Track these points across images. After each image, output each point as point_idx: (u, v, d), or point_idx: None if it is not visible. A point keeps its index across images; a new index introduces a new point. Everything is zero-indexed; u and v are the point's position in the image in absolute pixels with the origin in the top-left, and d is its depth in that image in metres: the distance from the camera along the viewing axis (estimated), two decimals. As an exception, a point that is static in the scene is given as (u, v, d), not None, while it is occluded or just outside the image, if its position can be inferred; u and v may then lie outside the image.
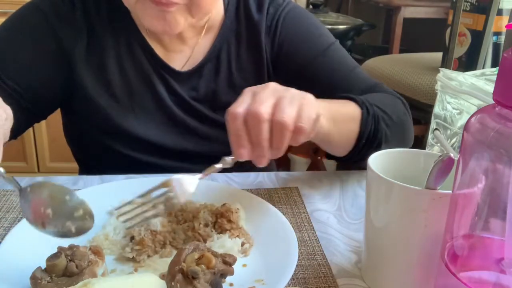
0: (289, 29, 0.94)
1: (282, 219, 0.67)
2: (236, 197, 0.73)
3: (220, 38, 0.93)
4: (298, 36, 0.94)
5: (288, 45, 0.94)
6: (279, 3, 0.95)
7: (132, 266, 0.60)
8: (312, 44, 0.94)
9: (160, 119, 0.91)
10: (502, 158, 0.40)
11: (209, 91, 0.92)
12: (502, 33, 1.75)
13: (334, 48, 0.94)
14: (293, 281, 0.59)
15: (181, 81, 0.91)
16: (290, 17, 0.95)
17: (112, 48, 0.88)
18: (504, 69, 0.40)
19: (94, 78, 0.88)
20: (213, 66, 0.93)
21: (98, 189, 0.74)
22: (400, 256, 0.56)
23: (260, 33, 0.93)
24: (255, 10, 0.94)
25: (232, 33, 0.94)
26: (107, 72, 0.88)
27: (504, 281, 0.43)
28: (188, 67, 0.92)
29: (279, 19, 0.94)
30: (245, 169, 0.87)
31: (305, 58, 0.93)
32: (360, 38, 3.10)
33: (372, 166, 0.56)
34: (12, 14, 0.90)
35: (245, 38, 0.94)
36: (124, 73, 0.89)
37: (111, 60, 0.88)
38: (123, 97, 0.89)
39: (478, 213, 0.44)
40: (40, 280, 0.52)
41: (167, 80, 0.90)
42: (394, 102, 0.89)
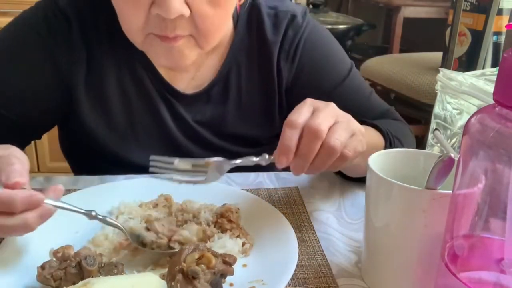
0: (309, 57, 0.88)
1: (282, 219, 0.67)
2: (236, 197, 0.73)
3: (229, 59, 0.86)
4: (318, 65, 0.89)
5: (307, 75, 0.89)
6: (299, 24, 0.88)
7: (133, 265, 0.60)
8: (332, 75, 0.89)
9: (163, 146, 0.86)
10: (502, 158, 0.40)
11: (215, 115, 0.87)
12: (502, 33, 1.75)
13: (351, 76, 0.91)
14: (293, 281, 0.59)
15: (187, 104, 0.86)
16: (310, 42, 0.88)
17: (113, 70, 0.82)
18: (504, 69, 0.40)
19: (94, 105, 0.83)
20: (221, 89, 0.87)
21: (98, 189, 0.74)
22: (400, 256, 0.56)
23: (273, 55, 0.87)
24: (270, 29, 0.87)
25: (242, 53, 0.87)
26: (107, 98, 0.83)
27: (504, 281, 0.43)
28: (194, 88, 0.86)
29: (299, 44, 0.87)
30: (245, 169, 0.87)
31: (324, 89, 0.88)
32: (360, 38, 3.10)
33: (372, 166, 0.56)
34: (5, 33, 0.82)
35: (257, 59, 0.87)
36: (126, 97, 0.84)
37: (112, 84, 0.83)
38: (124, 125, 0.85)
39: (478, 213, 0.44)
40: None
41: (171, 103, 0.85)
42: (408, 133, 0.91)
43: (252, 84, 0.88)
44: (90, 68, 0.82)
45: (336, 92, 0.88)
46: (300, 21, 0.88)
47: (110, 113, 0.84)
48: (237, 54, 0.87)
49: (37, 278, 0.54)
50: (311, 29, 0.89)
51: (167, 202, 0.71)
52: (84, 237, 0.65)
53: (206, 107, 0.87)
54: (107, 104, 0.83)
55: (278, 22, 0.87)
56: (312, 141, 0.59)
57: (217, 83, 0.86)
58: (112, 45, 0.82)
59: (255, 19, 0.87)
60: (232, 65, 0.87)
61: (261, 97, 0.89)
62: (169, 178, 0.66)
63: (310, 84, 0.89)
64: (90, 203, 0.70)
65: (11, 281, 0.55)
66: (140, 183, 0.76)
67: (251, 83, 0.88)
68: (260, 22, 0.87)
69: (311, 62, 0.89)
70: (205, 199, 0.72)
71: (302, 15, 0.89)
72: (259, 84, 0.88)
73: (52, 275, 0.53)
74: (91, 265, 0.54)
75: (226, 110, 0.88)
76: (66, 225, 0.66)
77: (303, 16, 0.89)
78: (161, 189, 0.74)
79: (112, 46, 0.82)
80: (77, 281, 0.52)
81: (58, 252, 0.56)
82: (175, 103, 0.85)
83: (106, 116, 0.84)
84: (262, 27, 0.87)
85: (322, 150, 0.60)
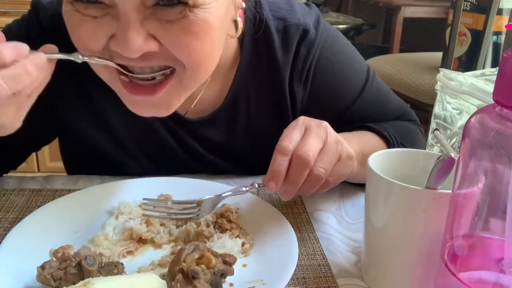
0: (323, 76, 0.81)
1: (282, 219, 0.67)
2: (236, 197, 0.72)
3: (236, 82, 0.78)
4: (334, 85, 0.83)
5: (322, 96, 0.83)
6: (311, 39, 0.79)
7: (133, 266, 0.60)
8: (348, 92, 0.84)
9: (167, 168, 0.82)
10: (502, 158, 0.40)
11: (224, 140, 0.82)
12: (502, 33, 1.75)
13: (369, 85, 0.85)
14: (293, 281, 0.59)
15: (190, 130, 0.80)
16: (324, 59, 0.81)
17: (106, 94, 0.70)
18: (504, 69, 0.40)
19: (88, 125, 0.79)
20: (229, 114, 0.80)
21: (98, 189, 0.74)
22: (400, 256, 0.56)
23: (285, 77, 0.79)
24: (280, 47, 0.78)
25: (251, 76, 0.79)
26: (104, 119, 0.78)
27: (504, 281, 0.43)
28: (197, 112, 0.80)
29: (312, 63, 0.80)
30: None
31: (340, 108, 0.84)
32: (360, 38, 3.10)
33: (372, 166, 0.56)
34: None
35: (267, 82, 0.80)
36: (124, 119, 0.78)
37: (105, 104, 0.77)
38: (124, 145, 0.81)
39: (478, 213, 0.44)
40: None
41: (173, 129, 0.80)
42: (416, 136, 0.90)
43: (263, 109, 0.81)
44: (78, 89, 0.77)
45: (352, 109, 0.85)
46: (313, 36, 0.79)
47: (109, 130, 0.80)
48: (245, 77, 0.79)
49: (37, 278, 0.54)
50: (324, 42, 0.81)
51: (167, 202, 0.71)
52: (84, 237, 0.65)
53: (212, 133, 0.81)
54: (104, 126, 0.79)
55: (288, 39, 0.79)
56: (300, 169, 0.61)
57: (224, 108, 0.80)
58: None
59: (263, 36, 0.78)
60: (240, 89, 0.79)
61: (273, 122, 0.82)
62: (162, 216, 0.65)
63: (326, 104, 0.83)
64: (90, 203, 0.71)
65: (11, 281, 0.55)
66: (140, 183, 0.76)
67: (262, 107, 0.81)
68: (269, 40, 0.78)
69: (326, 82, 0.82)
70: (205, 199, 0.72)
71: (315, 25, 0.80)
72: (270, 108, 0.82)
73: (52, 275, 0.53)
74: (91, 265, 0.54)
75: (234, 136, 0.82)
76: (66, 225, 0.66)
77: (316, 27, 0.80)
78: (161, 189, 0.74)
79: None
80: (77, 281, 0.52)
81: (58, 252, 0.56)
82: (177, 128, 0.80)
83: (108, 136, 0.80)
84: (271, 46, 0.78)
85: (309, 177, 0.62)
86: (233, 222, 0.66)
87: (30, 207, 0.72)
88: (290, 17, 0.80)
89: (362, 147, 0.73)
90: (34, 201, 0.74)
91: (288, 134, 0.62)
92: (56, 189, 0.78)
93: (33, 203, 0.73)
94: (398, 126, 0.87)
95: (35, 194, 0.76)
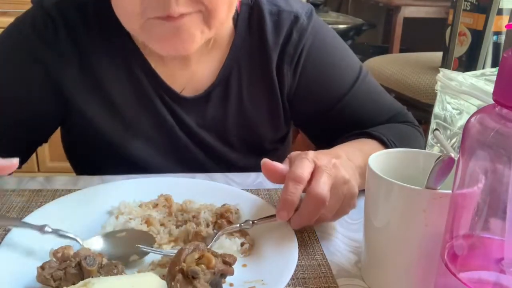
0: (314, 65, 0.85)
1: (282, 219, 0.67)
2: (236, 198, 0.73)
3: (229, 60, 0.83)
4: (325, 75, 0.85)
5: (312, 84, 0.85)
6: (304, 26, 0.83)
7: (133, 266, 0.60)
8: (339, 84, 0.86)
9: (165, 146, 0.85)
10: (502, 158, 0.40)
11: (216, 118, 0.85)
12: (502, 33, 1.75)
13: (360, 80, 0.87)
14: (293, 281, 0.59)
15: (186, 107, 0.84)
16: (316, 48, 0.84)
17: (108, 68, 0.80)
18: (504, 69, 0.40)
19: (91, 102, 0.81)
20: (221, 92, 0.84)
21: (98, 189, 0.74)
22: (400, 256, 0.56)
23: (273, 58, 0.83)
24: (271, 29, 0.83)
25: (243, 54, 0.83)
26: (104, 95, 0.81)
27: (504, 281, 0.43)
28: (193, 90, 0.84)
29: (303, 50, 0.84)
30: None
31: (331, 100, 0.86)
32: (360, 38, 3.10)
33: (372, 166, 0.56)
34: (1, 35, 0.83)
35: (258, 61, 0.84)
36: (123, 95, 0.82)
37: (107, 81, 0.81)
38: (123, 121, 0.83)
39: (478, 213, 0.44)
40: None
41: (171, 106, 0.83)
42: (416, 138, 0.89)
43: (254, 87, 0.85)
44: (83, 66, 0.80)
45: (343, 102, 0.86)
46: (304, 23, 0.83)
47: (111, 108, 0.82)
48: (238, 55, 0.83)
49: (37, 278, 0.54)
50: (316, 33, 0.85)
51: (167, 202, 0.71)
52: (84, 237, 0.65)
53: (206, 110, 0.84)
54: (106, 103, 0.82)
55: (280, 22, 0.83)
56: (317, 208, 0.60)
57: (218, 85, 0.83)
58: (105, 39, 0.80)
59: (256, 17, 0.83)
60: (233, 67, 0.83)
61: (263, 100, 0.86)
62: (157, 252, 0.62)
63: (316, 94, 0.86)
64: (90, 203, 0.71)
65: (11, 281, 0.55)
66: (140, 183, 0.76)
67: (253, 86, 0.85)
68: (261, 22, 0.83)
69: (316, 71, 0.85)
70: (205, 199, 0.72)
71: (307, 15, 0.85)
72: (261, 87, 0.85)
73: (52, 275, 0.53)
74: (91, 265, 0.54)
75: (227, 114, 0.85)
76: (66, 225, 0.66)
77: (308, 17, 0.85)
78: (161, 189, 0.74)
79: (105, 41, 0.80)
80: (77, 281, 0.52)
81: (58, 252, 0.56)
82: (175, 106, 0.83)
83: (107, 112, 0.82)
84: (263, 27, 0.83)
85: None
86: (232, 223, 0.66)
87: (30, 207, 0.72)
88: (284, 5, 0.85)
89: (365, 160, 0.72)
90: (34, 201, 0.74)
91: (301, 165, 0.60)
92: (56, 189, 0.78)
93: (33, 203, 0.73)
94: (395, 129, 0.86)
95: (35, 194, 0.76)
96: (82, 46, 0.79)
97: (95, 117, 0.83)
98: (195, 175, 0.82)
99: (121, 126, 0.84)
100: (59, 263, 0.55)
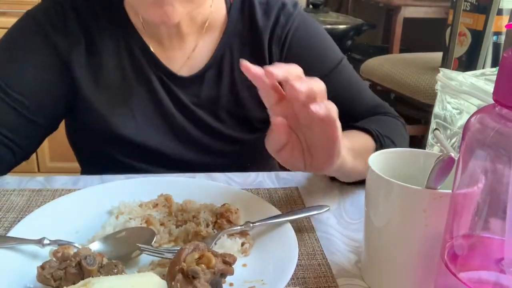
0: (299, 44, 0.92)
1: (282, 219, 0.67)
2: (236, 197, 0.73)
3: (223, 42, 0.91)
4: (307, 54, 0.92)
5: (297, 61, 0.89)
6: (290, 11, 0.92)
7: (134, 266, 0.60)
8: (321, 64, 0.91)
9: (161, 125, 0.90)
10: (502, 158, 0.40)
11: (210, 97, 0.91)
12: (502, 33, 1.75)
13: (342, 67, 0.93)
14: (293, 281, 0.59)
15: (182, 86, 0.90)
16: (301, 30, 0.92)
17: (111, 51, 0.87)
18: (504, 69, 0.40)
19: (94, 84, 0.87)
20: (215, 72, 0.91)
21: (98, 189, 0.74)
22: (400, 256, 0.56)
23: (264, 40, 0.91)
24: (261, 16, 0.91)
25: (235, 37, 0.91)
26: (107, 76, 0.87)
27: (504, 281, 0.43)
28: (189, 70, 0.90)
29: (289, 31, 0.91)
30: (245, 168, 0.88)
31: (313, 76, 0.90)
32: (360, 38, 3.10)
33: (372, 166, 0.56)
34: (13, 26, 0.89)
35: (249, 44, 0.91)
36: (124, 76, 0.88)
37: (110, 63, 0.87)
38: (124, 102, 0.88)
39: (478, 213, 0.44)
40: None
41: (168, 85, 0.89)
42: (399, 129, 0.92)
43: None
44: (89, 49, 0.86)
45: (331, 76, 0.90)
46: (291, 9, 0.92)
47: (111, 89, 0.87)
48: (231, 38, 0.91)
49: (37, 278, 0.54)
50: (302, 19, 0.93)
51: (167, 202, 0.71)
52: (84, 236, 0.65)
53: (200, 90, 0.90)
54: (108, 80, 0.87)
55: (268, 9, 0.92)
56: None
57: (212, 66, 0.90)
58: (110, 25, 0.87)
59: (248, 6, 0.92)
60: (226, 49, 0.90)
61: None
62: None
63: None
64: (90, 203, 0.71)
65: (11, 281, 0.55)
66: (140, 183, 0.76)
67: None
68: (252, 9, 0.91)
69: (300, 50, 0.92)
70: (205, 199, 0.72)
71: (293, 4, 0.94)
72: None
73: (52, 275, 0.53)
74: (91, 265, 0.54)
75: (220, 93, 0.91)
76: (66, 225, 0.66)
77: (293, 5, 0.94)
78: (161, 189, 0.74)
79: (110, 26, 0.87)
80: (77, 281, 0.52)
81: (58, 252, 0.56)
82: (171, 85, 0.89)
83: (107, 93, 0.87)
84: (253, 14, 0.91)
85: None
86: (232, 223, 0.66)
87: (30, 207, 0.72)
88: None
89: (351, 141, 0.73)
90: (34, 201, 0.74)
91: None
92: (56, 189, 0.78)
93: (33, 203, 0.74)
94: (377, 121, 0.89)
95: (35, 194, 0.76)
96: (89, 31, 0.86)
97: (98, 101, 0.87)
98: (195, 175, 0.82)
99: (121, 106, 0.88)
100: (59, 263, 0.55)
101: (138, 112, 0.89)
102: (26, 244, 0.60)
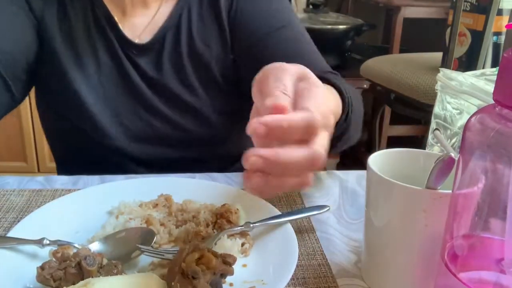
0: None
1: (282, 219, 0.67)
2: (236, 197, 0.73)
3: (181, 3, 0.90)
4: (252, 10, 0.91)
5: (242, 16, 0.91)
6: None
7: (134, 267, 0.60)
8: (265, 20, 0.91)
9: (129, 99, 0.90)
10: (502, 158, 0.40)
11: (172, 62, 0.90)
12: (502, 33, 1.75)
13: (295, 24, 0.93)
14: (293, 281, 0.59)
15: (143, 54, 0.89)
16: None
17: (81, 18, 0.88)
18: (504, 69, 0.40)
19: (64, 48, 0.87)
20: (173, 35, 0.90)
21: (98, 189, 0.74)
22: (400, 256, 0.56)
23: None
24: None
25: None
26: (77, 43, 0.87)
27: (504, 281, 0.43)
28: (147, 37, 0.90)
29: None
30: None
31: (259, 33, 0.90)
32: (360, 38, 3.09)
33: (372, 166, 0.56)
34: None
35: (208, 1, 0.91)
36: (92, 45, 0.88)
37: (80, 31, 0.88)
38: (90, 72, 0.88)
39: (478, 213, 0.44)
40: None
41: (130, 55, 0.89)
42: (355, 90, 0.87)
43: (203, 25, 0.90)
44: (61, 12, 0.87)
45: (275, 35, 0.89)
46: None
47: (81, 57, 0.88)
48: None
49: (37, 278, 0.54)
50: None
51: (167, 202, 0.71)
52: (84, 236, 0.65)
53: (162, 56, 0.89)
54: (77, 48, 0.88)
55: None
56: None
57: (169, 28, 0.89)
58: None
59: None
60: (183, 9, 0.90)
61: (212, 37, 0.90)
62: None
63: (245, 27, 0.90)
64: (90, 203, 0.71)
65: (11, 281, 0.55)
66: (140, 183, 0.76)
67: (202, 24, 0.90)
68: None
69: (246, 4, 0.91)
70: (205, 199, 0.72)
71: None
72: (209, 24, 0.90)
73: (52, 275, 0.53)
74: (91, 265, 0.54)
75: (180, 56, 0.90)
76: (66, 225, 0.66)
77: None
78: (161, 189, 0.74)
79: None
80: (77, 281, 0.52)
81: (58, 252, 0.56)
82: (133, 54, 0.89)
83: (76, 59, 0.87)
84: None
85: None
86: (232, 223, 0.66)
87: (30, 207, 0.72)
88: None
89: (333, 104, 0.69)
90: (34, 201, 0.74)
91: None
92: (56, 189, 0.78)
93: (33, 203, 0.74)
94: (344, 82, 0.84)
95: (35, 194, 0.76)
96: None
97: (65, 65, 0.87)
98: (195, 175, 0.82)
99: (87, 76, 0.88)
100: (59, 263, 0.55)
101: (106, 83, 0.89)
102: (25, 245, 0.60)
